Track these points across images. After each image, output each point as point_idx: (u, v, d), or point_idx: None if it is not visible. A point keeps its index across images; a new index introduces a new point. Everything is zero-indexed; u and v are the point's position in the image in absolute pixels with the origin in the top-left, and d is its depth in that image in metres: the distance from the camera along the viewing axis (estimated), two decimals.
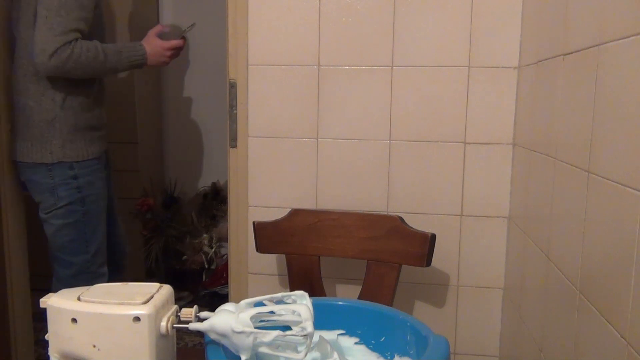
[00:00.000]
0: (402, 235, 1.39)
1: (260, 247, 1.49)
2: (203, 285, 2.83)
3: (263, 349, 0.71)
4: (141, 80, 2.86)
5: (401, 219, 1.41)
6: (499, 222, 1.55)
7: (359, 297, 1.41)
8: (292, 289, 1.49)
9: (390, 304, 1.38)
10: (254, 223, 1.48)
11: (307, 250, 1.47)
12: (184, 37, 1.87)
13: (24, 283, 1.91)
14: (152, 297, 0.70)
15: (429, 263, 1.38)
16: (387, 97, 1.55)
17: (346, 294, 1.63)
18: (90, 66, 1.65)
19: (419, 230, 1.39)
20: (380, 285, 1.40)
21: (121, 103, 2.69)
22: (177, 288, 2.28)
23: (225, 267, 2.52)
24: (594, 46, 0.90)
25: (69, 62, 1.59)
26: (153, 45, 1.80)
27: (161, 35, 1.83)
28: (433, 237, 1.37)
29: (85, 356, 0.68)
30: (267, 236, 1.48)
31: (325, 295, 1.49)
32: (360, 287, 1.45)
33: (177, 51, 1.85)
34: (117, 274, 1.94)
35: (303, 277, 1.47)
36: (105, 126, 1.86)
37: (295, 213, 1.49)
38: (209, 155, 3.20)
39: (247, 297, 0.86)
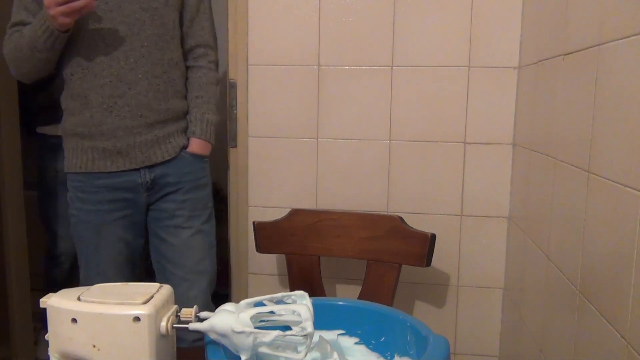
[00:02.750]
0: (402, 235, 1.39)
1: (260, 247, 1.49)
2: None
3: (263, 349, 0.71)
4: None
5: (401, 219, 1.41)
6: (499, 222, 1.55)
7: (359, 297, 1.41)
8: (292, 289, 1.49)
9: (390, 304, 1.38)
10: (254, 223, 1.48)
11: (307, 250, 1.47)
12: None
13: (24, 283, 1.91)
14: (152, 297, 0.70)
15: (429, 263, 1.38)
16: (387, 97, 1.55)
17: (346, 294, 1.63)
18: (19, 57, 1.34)
19: (419, 230, 1.39)
20: (380, 285, 1.40)
21: None
22: None
23: (225, 267, 2.52)
24: (594, 46, 0.90)
25: (6, 57, 1.37)
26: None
27: None
28: (433, 237, 1.37)
29: (85, 356, 0.68)
30: (267, 236, 1.48)
31: (325, 295, 1.49)
32: (360, 287, 1.45)
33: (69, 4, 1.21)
34: None
35: (303, 277, 1.47)
36: (105, 134, 1.35)
37: (295, 213, 1.49)
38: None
39: (247, 297, 0.86)
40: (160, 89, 1.37)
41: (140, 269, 1.53)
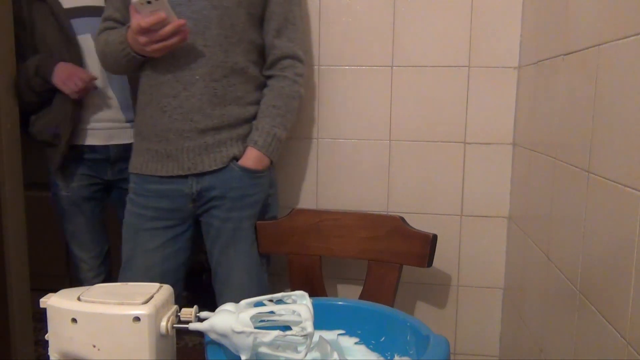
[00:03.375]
0: (404, 236, 1.39)
1: (261, 247, 1.48)
2: (203, 285, 2.83)
3: (263, 349, 0.71)
4: None
5: (402, 219, 1.41)
6: (499, 222, 1.55)
7: (360, 297, 1.41)
8: (293, 289, 1.48)
9: (392, 305, 1.37)
10: (255, 223, 1.47)
11: (308, 250, 1.47)
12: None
13: (24, 283, 1.91)
14: (152, 297, 0.70)
15: (430, 263, 1.37)
16: (387, 97, 1.55)
17: (347, 294, 1.63)
18: (104, 60, 1.39)
19: (420, 231, 1.38)
20: (381, 286, 1.40)
21: None
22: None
23: None
24: (594, 46, 0.90)
25: (96, 52, 1.43)
26: (130, 25, 1.24)
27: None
28: (434, 237, 1.36)
29: (85, 356, 0.68)
30: (268, 236, 1.48)
31: (326, 295, 1.49)
32: (362, 287, 1.45)
33: (157, 34, 1.20)
34: None
35: (304, 277, 1.47)
36: (158, 135, 1.32)
37: (296, 213, 1.49)
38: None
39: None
40: (217, 94, 1.29)
41: (181, 289, 1.46)
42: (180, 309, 0.74)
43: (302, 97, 1.42)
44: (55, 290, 0.73)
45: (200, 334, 0.73)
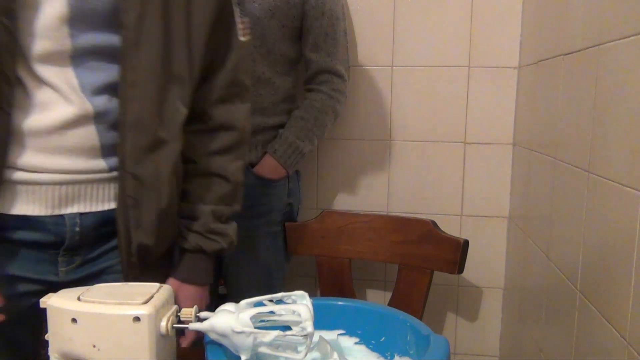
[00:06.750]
0: (435, 241, 1.35)
1: (290, 248, 1.44)
2: None
3: (263, 349, 0.71)
4: None
5: (434, 223, 1.36)
6: (499, 222, 1.55)
7: (390, 302, 1.39)
8: (322, 292, 1.47)
9: (422, 310, 1.35)
10: (284, 224, 1.43)
11: (338, 253, 1.43)
12: None
13: None
14: (152, 297, 0.70)
15: (461, 270, 1.33)
16: (387, 97, 1.55)
17: (377, 298, 1.62)
18: None
19: (451, 236, 1.34)
20: (411, 291, 1.37)
21: None
22: None
23: None
24: (594, 46, 0.90)
25: None
26: None
27: None
28: (466, 243, 1.32)
29: (85, 356, 0.68)
30: (297, 238, 1.44)
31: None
32: (391, 291, 1.43)
33: None
34: None
35: (333, 279, 1.44)
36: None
37: (326, 215, 1.46)
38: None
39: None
40: None
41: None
42: (180, 309, 0.74)
43: (338, 114, 1.39)
44: None
45: (200, 334, 0.73)
